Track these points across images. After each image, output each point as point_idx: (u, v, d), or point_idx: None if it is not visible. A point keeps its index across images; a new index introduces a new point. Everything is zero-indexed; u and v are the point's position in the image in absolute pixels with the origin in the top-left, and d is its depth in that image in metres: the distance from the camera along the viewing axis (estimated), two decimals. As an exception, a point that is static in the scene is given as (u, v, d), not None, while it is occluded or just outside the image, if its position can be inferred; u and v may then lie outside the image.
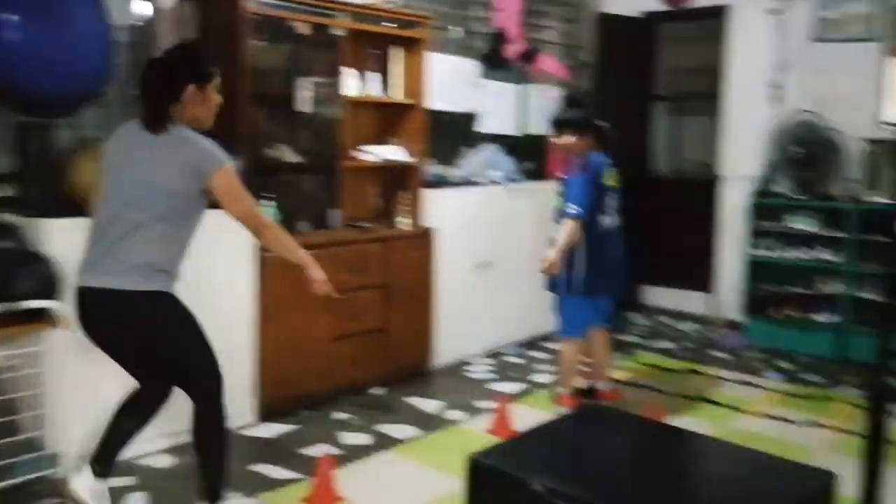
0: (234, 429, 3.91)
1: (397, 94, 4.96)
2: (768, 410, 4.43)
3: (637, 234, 7.07)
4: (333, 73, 4.59)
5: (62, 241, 3.28)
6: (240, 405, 3.99)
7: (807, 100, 5.94)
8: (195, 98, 2.78)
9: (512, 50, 5.87)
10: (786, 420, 4.28)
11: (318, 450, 3.75)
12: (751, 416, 4.35)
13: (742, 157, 6.30)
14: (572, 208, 4.01)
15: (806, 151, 5.82)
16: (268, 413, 4.10)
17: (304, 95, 4.59)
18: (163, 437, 3.70)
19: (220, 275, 3.85)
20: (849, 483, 2.79)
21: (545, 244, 5.13)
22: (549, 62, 6.18)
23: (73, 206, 3.40)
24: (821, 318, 5.66)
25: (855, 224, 5.48)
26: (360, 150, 4.78)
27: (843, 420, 4.29)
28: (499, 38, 5.80)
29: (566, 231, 4.02)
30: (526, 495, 2.15)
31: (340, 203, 4.69)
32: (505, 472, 2.25)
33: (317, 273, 3.01)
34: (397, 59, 4.94)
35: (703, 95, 6.89)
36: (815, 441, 4.00)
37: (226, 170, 2.75)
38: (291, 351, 4.16)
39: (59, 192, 3.48)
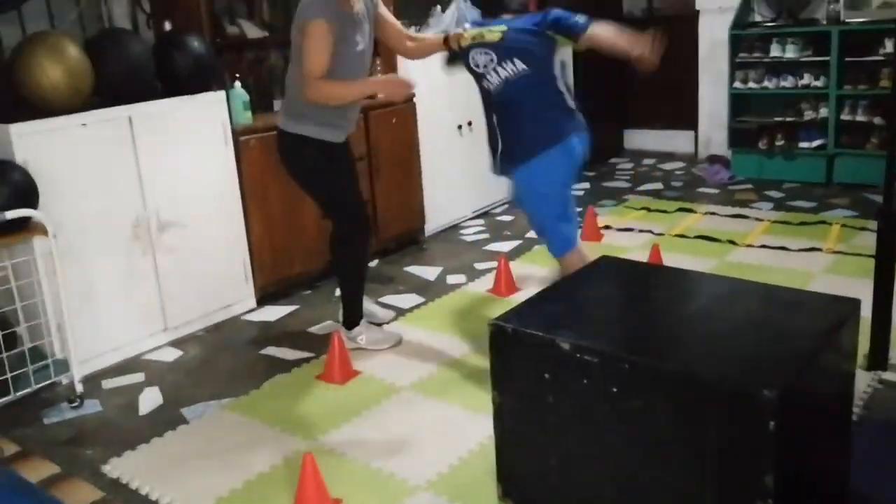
0: (238, 313, 3.91)
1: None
2: (764, 241, 4.46)
3: (614, 80, 6.97)
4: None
5: (27, 146, 3.14)
6: (238, 291, 3.97)
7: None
8: None
9: None
10: (784, 248, 4.31)
11: (323, 327, 3.76)
12: (748, 248, 4.38)
13: (719, -13, 6.09)
14: None
15: (784, -26, 5.63)
16: (266, 297, 4.09)
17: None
18: (166, 332, 3.69)
19: (199, 164, 3.74)
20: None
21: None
22: None
23: (31, 107, 3.23)
24: (806, 144, 5.63)
25: (838, 47, 5.36)
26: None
27: (837, 241, 4.34)
28: None
29: None
30: (553, 355, 2.13)
31: (313, 76, 4.49)
32: (529, 334, 2.22)
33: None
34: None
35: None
36: (815, 265, 4.04)
37: (310, 24, 3.01)
38: (280, 233, 4.10)
39: (12, 94, 3.28)
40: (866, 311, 2.85)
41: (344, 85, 3.13)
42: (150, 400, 3.20)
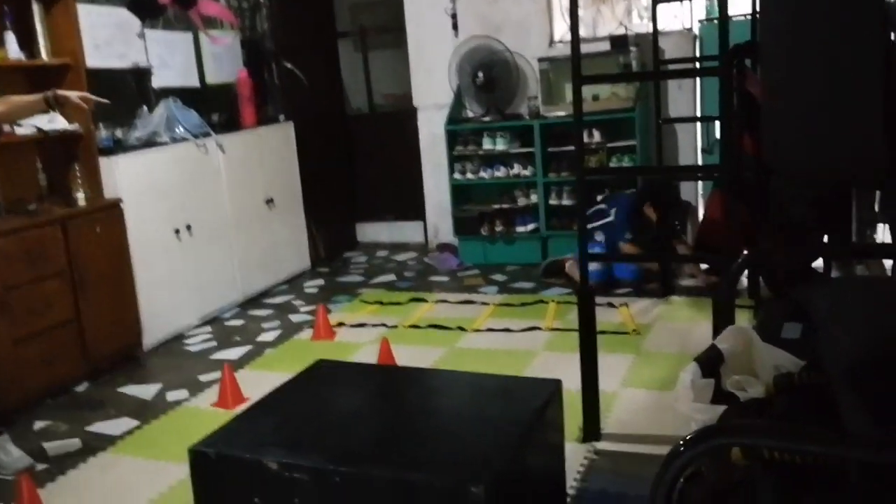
0: None
1: (45, 55, 4.35)
2: (490, 324, 4.60)
3: (343, 175, 7.05)
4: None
5: None
6: None
7: (483, 26, 6.16)
8: None
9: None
10: (508, 330, 4.47)
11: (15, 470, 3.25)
12: (476, 332, 4.49)
13: (432, 86, 6.41)
14: None
15: (487, 75, 6.04)
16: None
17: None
18: None
19: None
20: (572, 375, 2.95)
21: (252, 197, 4.89)
22: (211, 6, 5.69)
23: None
24: (522, 228, 5.98)
25: (540, 139, 5.81)
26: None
27: (554, 319, 4.57)
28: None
29: None
30: (261, 477, 1.97)
31: (-4, 187, 4.05)
32: (233, 457, 2.04)
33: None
34: (38, 15, 4.31)
35: (387, 29, 6.89)
36: (536, 344, 4.21)
37: None
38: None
39: None
40: (578, 385, 3.00)
41: None
42: None
